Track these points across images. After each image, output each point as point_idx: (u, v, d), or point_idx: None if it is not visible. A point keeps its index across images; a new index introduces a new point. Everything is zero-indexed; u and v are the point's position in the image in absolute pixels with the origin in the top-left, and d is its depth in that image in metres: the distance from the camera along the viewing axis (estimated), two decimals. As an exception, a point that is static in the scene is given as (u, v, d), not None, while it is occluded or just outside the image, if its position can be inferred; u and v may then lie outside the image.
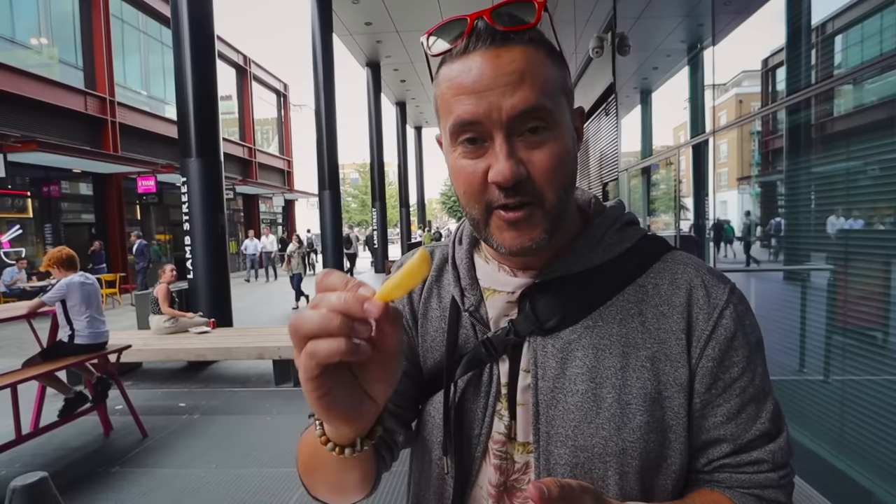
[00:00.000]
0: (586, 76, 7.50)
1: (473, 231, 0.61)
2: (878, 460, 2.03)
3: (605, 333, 0.59)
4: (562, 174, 0.55)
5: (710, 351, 0.57)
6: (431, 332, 0.69)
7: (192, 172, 5.88)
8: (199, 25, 5.89)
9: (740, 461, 0.58)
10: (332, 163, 11.35)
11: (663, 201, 5.18)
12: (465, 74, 0.53)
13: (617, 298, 0.60)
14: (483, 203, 0.55)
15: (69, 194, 12.87)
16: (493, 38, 0.53)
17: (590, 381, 0.57)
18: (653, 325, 0.59)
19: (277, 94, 25.55)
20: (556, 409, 0.58)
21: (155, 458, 3.40)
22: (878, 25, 2.10)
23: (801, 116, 2.60)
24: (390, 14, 12.07)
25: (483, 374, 0.64)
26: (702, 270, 0.61)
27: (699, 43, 3.87)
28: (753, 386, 0.58)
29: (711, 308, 0.58)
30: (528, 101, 0.52)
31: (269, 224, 24.73)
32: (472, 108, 0.52)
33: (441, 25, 0.56)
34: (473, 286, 0.66)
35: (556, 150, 0.54)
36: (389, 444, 0.68)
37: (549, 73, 0.54)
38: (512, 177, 0.52)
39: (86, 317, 3.73)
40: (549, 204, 0.55)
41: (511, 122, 0.52)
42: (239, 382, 5.15)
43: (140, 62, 15.58)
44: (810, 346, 2.53)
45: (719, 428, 0.58)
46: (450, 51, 0.55)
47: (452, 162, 0.57)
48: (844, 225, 2.27)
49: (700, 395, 0.58)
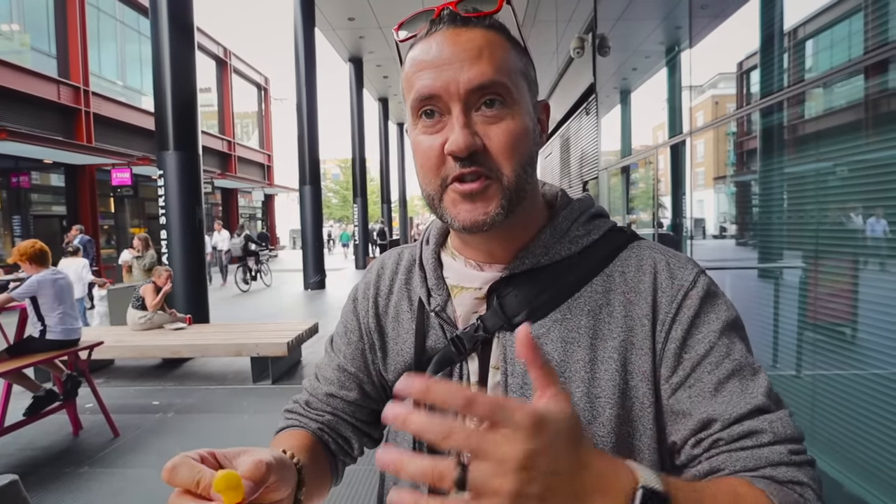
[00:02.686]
0: (567, 76, 7.55)
1: (429, 208, 0.61)
2: (847, 453, 2.09)
3: (574, 326, 0.58)
4: (519, 151, 0.55)
5: (674, 333, 0.56)
6: (402, 335, 0.69)
7: (169, 165, 5.77)
8: (178, 15, 5.77)
9: (732, 433, 0.51)
10: (313, 157, 11.25)
11: (642, 199, 5.25)
12: (426, 52, 0.56)
13: (585, 290, 0.60)
14: (440, 178, 0.56)
15: (40, 185, 12.52)
16: (454, 20, 0.56)
17: (559, 376, 0.57)
18: (620, 314, 0.58)
19: (258, 87, 25.21)
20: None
21: (126, 459, 3.32)
22: (847, 31, 2.15)
23: (773, 118, 2.65)
24: (373, 10, 11.98)
25: (453, 374, 0.63)
26: (668, 254, 0.61)
27: (677, 45, 3.93)
28: (730, 360, 0.53)
29: (675, 290, 0.57)
30: (484, 76, 0.53)
31: (248, 218, 24.43)
32: (430, 82, 0.54)
33: (411, 17, 0.59)
34: (440, 285, 0.65)
35: (512, 127, 0.55)
36: (346, 450, 0.72)
37: (508, 55, 0.56)
38: (466, 146, 0.52)
39: (58, 313, 3.63)
40: (506, 179, 0.55)
41: (468, 95, 0.53)
42: (215, 380, 5.08)
43: (116, 52, 15.21)
44: (783, 341, 2.59)
45: (698, 409, 0.53)
46: (416, 35, 0.58)
47: (413, 139, 0.58)
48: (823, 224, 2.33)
49: (668, 381, 0.55)
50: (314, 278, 11.69)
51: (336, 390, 0.72)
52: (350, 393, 0.71)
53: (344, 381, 0.72)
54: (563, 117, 8.31)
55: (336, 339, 0.75)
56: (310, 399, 0.73)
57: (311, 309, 9.51)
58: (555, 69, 8.23)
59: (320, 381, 0.73)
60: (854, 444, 2.05)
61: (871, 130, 2.00)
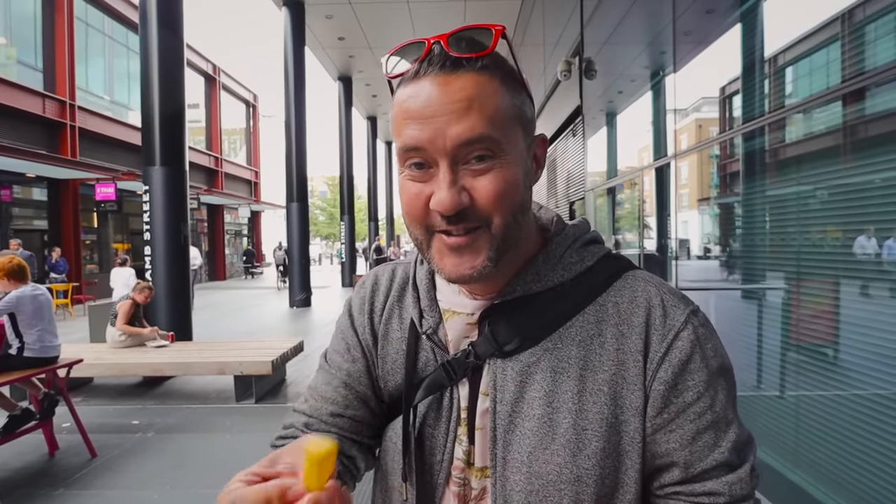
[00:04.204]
0: (554, 98, 7.68)
1: (417, 249, 0.60)
2: (830, 473, 2.11)
3: (564, 356, 0.57)
4: (508, 201, 0.53)
5: (663, 374, 0.55)
6: (392, 354, 0.68)
7: (155, 181, 5.73)
8: (167, 31, 5.79)
9: (693, 490, 0.54)
10: (300, 174, 11.25)
11: (628, 220, 5.32)
12: (413, 99, 0.53)
13: (577, 319, 0.59)
14: (425, 226, 0.55)
15: (21, 199, 12.32)
16: (443, 64, 0.52)
17: (546, 406, 0.56)
18: (612, 346, 0.57)
19: (246, 104, 25.23)
20: (514, 433, 0.57)
21: (104, 480, 3.22)
22: (825, 59, 2.23)
23: (755, 143, 2.72)
24: (363, 30, 12.15)
25: (444, 398, 0.62)
26: (663, 290, 0.60)
27: (661, 69, 4.03)
28: (712, 412, 0.55)
29: (667, 330, 0.56)
30: (473, 130, 0.51)
31: (233, 235, 24.22)
32: (417, 134, 0.52)
33: (400, 47, 0.56)
34: (433, 307, 0.65)
35: (501, 178, 0.53)
36: (352, 470, 0.68)
37: (501, 101, 0.53)
38: (453, 206, 0.51)
39: (37, 329, 3.55)
40: (494, 228, 0.53)
41: (456, 150, 0.51)
42: (197, 399, 4.97)
43: (104, 66, 15.16)
44: (766, 362, 2.62)
45: (671, 454, 0.55)
46: (404, 74, 0.55)
47: (401, 182, 0.57)
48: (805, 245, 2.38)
49: (651, 420, 0.55)
50: (300, 296, 11.60)
51: (342, 410, 0.68)
52: (357, 412, 0.69)
53: (350, 400, 0.69)
54: (551, 138, 8.44)
55: (335, 356, 0.72)
56: (310, 421, 0.69)
57: (297, 327, 9.40)
58: (542, 91, 8.38)
59: (320, 400, 0.69)
60: (837, 465, 2.07)
61: (849, 156, 2.06)
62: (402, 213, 0.59)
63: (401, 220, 4.34)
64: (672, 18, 3.64)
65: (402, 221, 0.62)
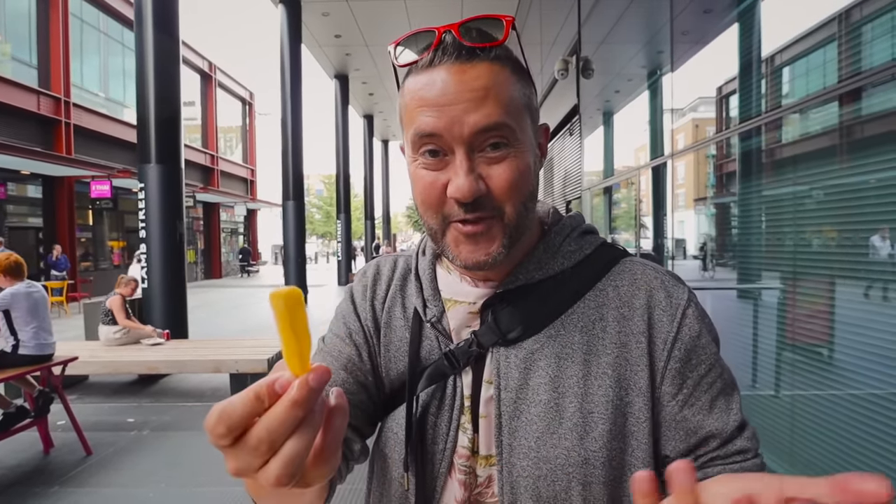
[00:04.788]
0: (552, 96, 7.68)
1: (430, 239, 0.61)
2: (826, 472, 2.12)
3: (568, 342, 0.59)
4: (521, 190, 0.55)
5: (677, 352, 0.57)
6: (395, 342, 0.68)
7: (150, 178, 5.70)
8: (163, 28, 5.75)
9: (727, 451, 0.58)
10: (297, 173, 11.22)
11: (624, 219, 5.33)
12: (429, 87, 0.53)
13: (578, 305, 0.60)
14: (441, 215, 0.56)
15: (16, 196, 12.23)
16: (458, 53, 0.53)
17: (552, 391, 0.57)
18: (614, 329, 0.59)
19: (243, 101, 25.13)
20: (519, 420, 0.58)
21: (99, 478, 3.21)
22: (822, 59, 2.24)
23: (752, 142, 2.73)
24: (360, 28, 12.11)
25: (446, 387, 0.63)
26: (661, 272, 0.62)
27: (658, 69, 4.03)
28: (721, 380, 0.59)
29: (674, 309, 0.59)
30: (490, 118, 0.52)
31: (229, 233, 24.15)
32: (434, 122, 0.52)
33: (409, 36, 0.56)
34: (436, 297, 0.65)
35: (515, 166, 0.54)
36: (346, 454, 0.65)
37: (514, 90, 0.54)
38: (471, 193, 0.52)
39: (32, 327, 3.53)
40: (507, 217, 0.55)
41: (472, 137, 0.52)
42: (192, 397, 4.96)
43: (99, 63, 15.06)
44: (762, 362, 2.63)
45: (699, 425, 0.57)
46: (416, 62, 0.55)
47: (413, 171, 0.57)
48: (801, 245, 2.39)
49: (673, 397, 0.58)
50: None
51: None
52: (354, 396, 0.67)
53: (350, 384, 0.67)
54: (547, 137, 8.41)
55: (335, 340, 0.70)
56: None
57: (293, 325, 9.36)
58: (539, 90, 8.39)
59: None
60: (832, 464, 2.08)
61: (845, 156, 2.07)
62: (415, 201, 0.59)
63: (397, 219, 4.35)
64: (669, 18, 3.65)
65: (399, 220, 0.61)
